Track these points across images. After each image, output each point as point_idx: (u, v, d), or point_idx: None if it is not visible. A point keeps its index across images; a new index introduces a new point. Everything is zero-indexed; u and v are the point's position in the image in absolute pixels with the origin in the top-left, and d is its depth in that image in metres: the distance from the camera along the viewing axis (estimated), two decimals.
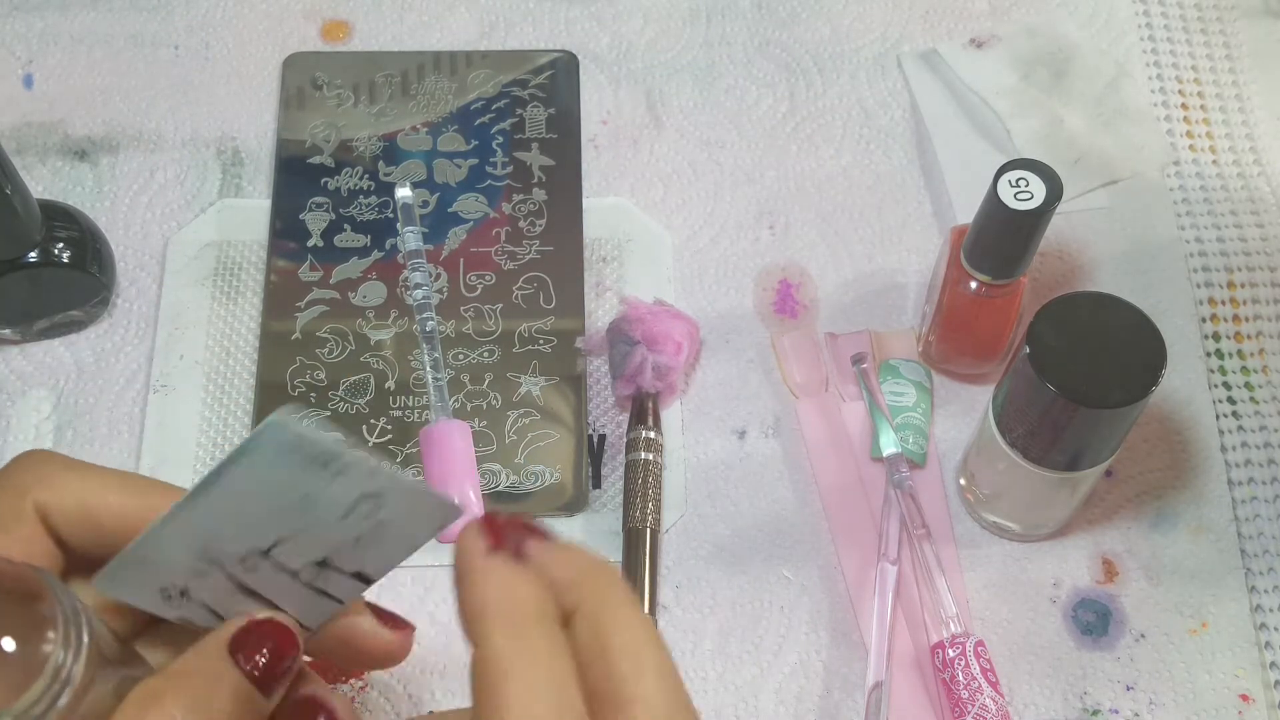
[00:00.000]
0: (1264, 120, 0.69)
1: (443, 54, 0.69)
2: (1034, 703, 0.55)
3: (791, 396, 0.61)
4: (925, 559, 0.55)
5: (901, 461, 0.58)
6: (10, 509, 0.36)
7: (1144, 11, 0.72)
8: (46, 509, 0.37)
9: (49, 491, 0.37)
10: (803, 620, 0.56)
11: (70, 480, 0.37)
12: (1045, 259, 0.64)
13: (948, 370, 0.61)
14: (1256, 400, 0.61)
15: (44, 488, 0.37)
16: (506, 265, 0.63)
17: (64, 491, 0.37)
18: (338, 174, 0.65)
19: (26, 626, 0.33)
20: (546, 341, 0.62)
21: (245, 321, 0.62)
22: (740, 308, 0.63)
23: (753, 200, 0.66)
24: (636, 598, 0.42)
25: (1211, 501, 0.59)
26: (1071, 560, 0.58)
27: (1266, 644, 0.56)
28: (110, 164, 0.66)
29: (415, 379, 0.60)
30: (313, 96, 0.68)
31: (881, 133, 0.68)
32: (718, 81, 0.69)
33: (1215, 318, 0.63)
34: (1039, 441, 0.51)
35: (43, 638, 0.33)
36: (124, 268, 0.63)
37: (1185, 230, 0.65)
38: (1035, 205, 0.51)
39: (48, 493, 0.37)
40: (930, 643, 0.54)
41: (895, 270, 0.64)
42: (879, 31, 0.71)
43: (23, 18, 0.70)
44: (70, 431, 0.59)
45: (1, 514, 0.36)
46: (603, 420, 0.60)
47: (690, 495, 0.59)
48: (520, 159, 0.66)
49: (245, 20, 0.70)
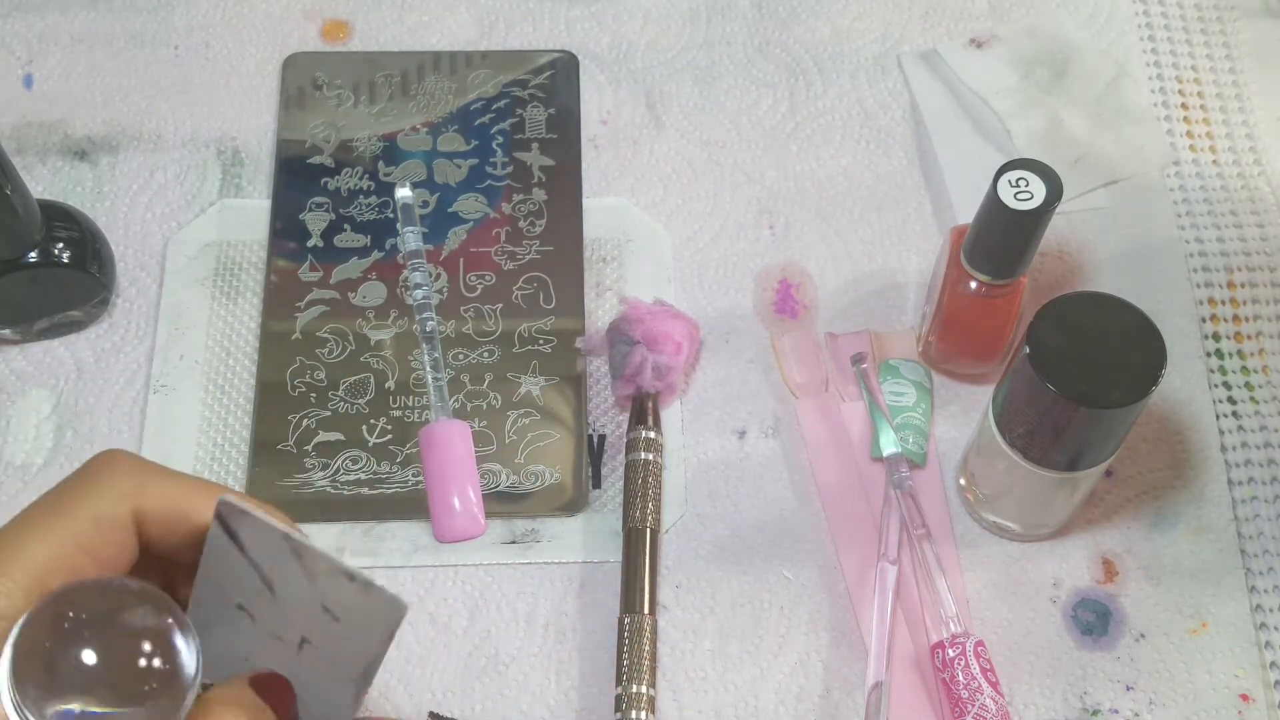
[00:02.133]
0: (1264, 120, 0.69)
1: (443, 54, 0.69)
2: (1034, 703, 0.55)
3: (791, 396, 0.61)
4: (925, 559, 0.55)
5: (901, 461, 0.58)
6: (110, 513, 0.38)
7: (1144, 11, 0.72)
8: (144, 515, 0.38)
9: (148, 499, 0.38)
10: (803, 620, 0.56)
11: (168, 489, 0.39)
12: (1045, 259, 0.64)
13: (948, 370, 0.61)
14: (1256, 400, 0.61)
15: (144, 496, 0.38)
16: (506, 265, 0.63)
17: (161, 500, 0.39)
18: (338, 174, 0.65)
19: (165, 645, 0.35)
20: (546, 341, 0.62)
21: (245, 321, 0.62)
22: (740, 308, 0.63)
23: (753, 200, 0.66)
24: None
25: (1211, 501, 0.59)
26: (1071, 560, 0.58)
27: (1266, 644, 0.56)
28: (110, 164, 0.66)
29: (415, 379, 0.60)
30: (313, 96, 0.68)
31: (881, 133, 0.68)
32: (718, 81, 0.69)
33: (1215, 318, 0.63)
34: (1039, 441, 0.51)
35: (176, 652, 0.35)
36: (124, 268, 0.63)
37: (1185, 230, 0.65)
38: (1035, 205, 0.51)
39: (147, 500, 0.38)
40: (930, 643, 0.54)
41: (895, 270, 0.64)
42: (879, 31, 0.71)
43: (23, 18, 0.70)
44: (70, 431, 0.59)
45: (100, 517, 0.38)
46: (603, 420, 0.60)
47: (690, 495, 0.59)
48: (520, 159, 0.66)
49: (245, 20, 0.70)
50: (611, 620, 0.55)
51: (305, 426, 0.59)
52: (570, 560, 0.57)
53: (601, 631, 0.56)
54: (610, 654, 0.55)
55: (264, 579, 0.37)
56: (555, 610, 0.56)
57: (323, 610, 0.37)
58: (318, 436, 0.59)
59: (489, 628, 0.56)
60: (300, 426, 0.59)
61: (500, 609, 0.56)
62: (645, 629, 0.54)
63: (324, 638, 0.38)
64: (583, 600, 0.56)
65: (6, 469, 0.59)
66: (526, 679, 0.55)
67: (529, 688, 0.55)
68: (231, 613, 0.38)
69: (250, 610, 0.38)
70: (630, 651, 0.54)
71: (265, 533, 0.37)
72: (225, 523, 0.37)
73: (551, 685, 0.55)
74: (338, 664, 0.38)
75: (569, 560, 0.57)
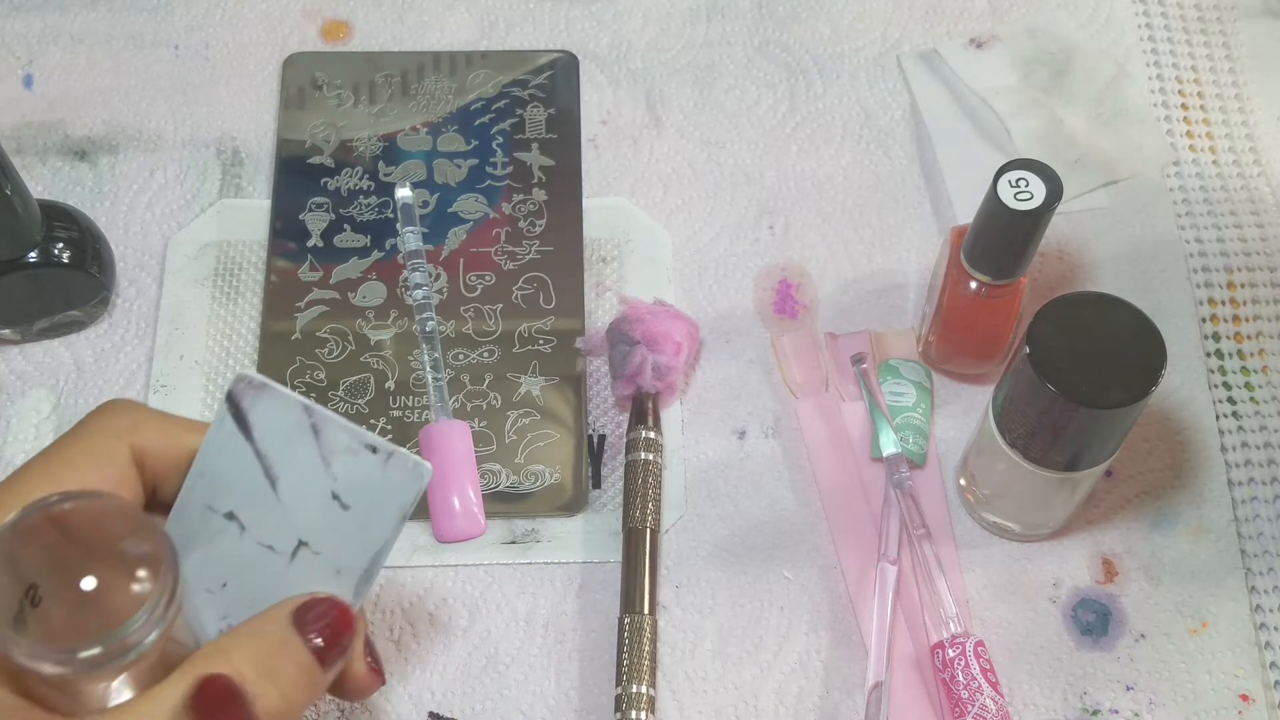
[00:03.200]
0: (1264, 120, 0.69)
1: (443, 54, 0.69)
2: (1034, 703, 0.55)
3: (791, 396, 0.61)
4: (925, 559, 0.55)
5: (901, 461, 0.58)
6: (106, 450, 0.38)
7: (1144, 11, 0.72)
8: (143, 452, 0.38)
9: (144, 436, 0.38)
10: (803, 620, 0.56)
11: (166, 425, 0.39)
12: (1045, 259, 0.64)
13: (948, 370, 0.61)
14: (1256, 400, 0.61)
15: (140, 432, 0.38)
16: (506, 265, 0.63)
17: (159, 436, 0.39)
18: (338, 174, 0.65)
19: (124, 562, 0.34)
20: (546, 341, 0.62)
21: (245, 321, 0.62)
22: (740, 308, 0.63)
23: (753, 200, 0.66)
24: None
25: (1211, 501, 0.59)
26: (1071, 560, 0.58)
27: (1266, 644, 0.56)
28: (110, 164, 0.66)
29: (415, 379, 0.60)
30: (313, 96, 0.68)
31: (881, 133, 0.68)
32: (718, 81, 0.69)
33: (1215, 318, 0.63)
34: (1039, 441, 0.51)
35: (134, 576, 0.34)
36: (124, 268, 0.63)
37: (1185, 230, 0.65)
38: (1035, 205, 0.51)
39: (143, 437, 0.38)
40: (930, 643, 0.54)
41: (895, 270, 0.64)
42: (879, 31, 0.71)
43: (23, 18, 0.70)
44: None
45: (98, 454, 0.38)
46: (603, 420, 0.60)
47: (690, 495, 0.59)
48: (520, 159, 0.66)
49: (245, 20, 0.70)
50: (611, 620, 0.55)
51: None
52: (570, 560, 0.57)
53: (601, 631, 0.56)
54: (610, 654, 0.55)
55: (268, 473, 0.37)
56: (555, 610, 0.56)
57: (331, 498, 0.36)
58: None
59: (489, 628, 0.56)
60: None
61: (500, 609, 0.56)
62: (645, 629, 0.54)
63: (326, 535, 0.37)
64: (583, 600, 0.56)
65: (6, 469, 0.58)
66: (526, 679, 0.55)
67: (529, 688, 0.55)
68: (218, 524, 0.38)
69: (241, 518, 0.37)
70: (630, 652, 0.54)
71: (283, 409, 0.36)
72: (237, 404, 0.36)
73: (551, 685, 0.55)
74: (339, 565, 0.38)
75: (569, 560, 0.57)
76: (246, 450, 0.37)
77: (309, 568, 0.38)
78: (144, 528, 0.34)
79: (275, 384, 0.36)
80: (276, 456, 0.37)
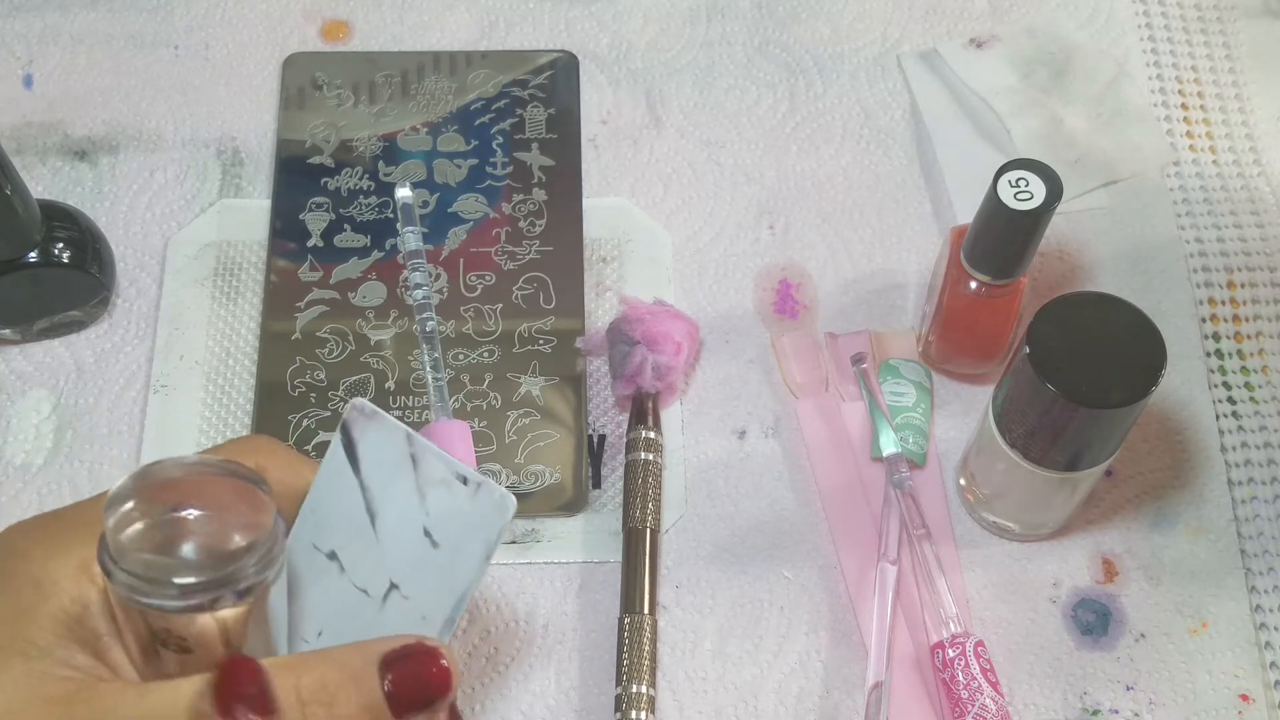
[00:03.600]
0: (1264, 120, 0.69)
1: (443, 54, 0.69)
2: (1034, 703, 0.55)
3: (791, 396, 0.61)
4: (925, 559, 0.55)
5: (901, 461, 0.58)
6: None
7: (1144, 11, 0.72)
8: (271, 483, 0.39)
9: (273, 468, 0.39)
10: (803, 620, 0.56)
11: (292, 460, 0.40)
12: (1045, 259, 0.64)
13: (948, 370, 0.61)
14: (1256, 400, 0.61)
15: (270, 464, 0.39)
16: (506, 265, 0.63)
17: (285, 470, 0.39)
18: (338, 174, 0.65)
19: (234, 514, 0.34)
20: (546, 341, 0.62)
21: (245, 321, 0.62)
22: (740, 308, 0.63)
23: (753, 200, 0.66)
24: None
25: (1211, 501, 0.59)
26: (1071, 560, 0.58)
27: (1266, 644, 0.56)
28: (110, 164, 0.66)
29: (415, 379, 0.60)
30: (313, 96, 0.68)
31: (881, 133, 0.68)
32: (718, 81, 0.69)
33: (1215, 318, 0.63)
34: (1039, 441, 0.51)
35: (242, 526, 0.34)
36: (124, 268, 0.63)
37: (1185, 230, 0.65)
38: (1035, 205, 0.51)
39: (273, 469, 0.39)
40: (930, 643, 0.54)
41: (895, 270, 0.64)
42: (879, 31, 0.71)
43: (23, 18, 0.70)
44: (70, 432, 0.59)
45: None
46: (603, 420, 0.60)
47: (690, 495, 0.59)
48: (520, 159, 0.66)
49: (245, 20, 0.70)
50: (611, 620, 0.55)
51: (305, 427, 0.59)
52: (570, 560, 0.57)
53: (601, 631, 0.56)
54: (610, 654, 0.55)
55: (369, 507, 0.36)
56: (555, 610, 0.56)
57: (423, 535, 0.36)
58: (318, 437, 0.59)
59: (489, 628, 0.56)
60: (300, 427, 0.59)
61: (500, 609, 0.56)
62: (645, 629, 0.54)
63: (416, 576, 0.37)
64: (583, 600, 0.56)
65: (6, 469, 0.59)
66: (526, 679, 0.55)
67: (529, 688, 0.55)
68: (321, 564, 0.37)
69: (342, 558, 0.37)
70: (630, 652, 0.54)
71: (388, 437, 0.36)
72: (349, 433, 0.36)
73: (551, 685, 0.55)
74: (424, 611, 0.37)
75: (569, 560, 0.57)
76: (353, 483, 0.37)
77: (398, 613, 0.37)
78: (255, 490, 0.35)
79: (383, 412, 0.36)
80: (378, 490, 0.37)
